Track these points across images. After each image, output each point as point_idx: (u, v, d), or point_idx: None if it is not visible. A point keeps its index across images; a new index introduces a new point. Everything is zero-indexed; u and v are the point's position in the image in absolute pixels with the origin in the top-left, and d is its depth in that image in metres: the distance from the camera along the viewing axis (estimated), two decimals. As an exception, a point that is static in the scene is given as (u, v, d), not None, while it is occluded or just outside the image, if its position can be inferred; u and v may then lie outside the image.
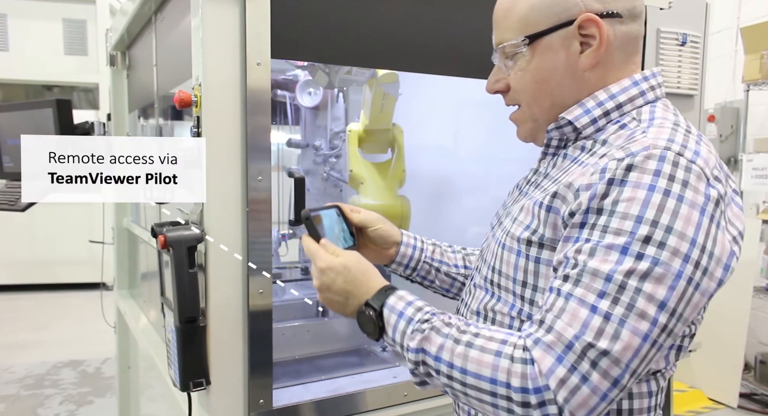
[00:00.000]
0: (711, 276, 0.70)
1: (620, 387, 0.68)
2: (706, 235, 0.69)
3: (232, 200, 1.20)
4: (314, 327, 1.79)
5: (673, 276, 0.67)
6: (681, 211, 0.68)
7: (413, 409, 1.44)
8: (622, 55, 0.86)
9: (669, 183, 0.69)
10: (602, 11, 0.83)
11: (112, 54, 2.49)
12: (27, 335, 5.02)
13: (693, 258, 0.68)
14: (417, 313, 0.81)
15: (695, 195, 0.69)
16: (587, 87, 0.85)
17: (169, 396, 1.45)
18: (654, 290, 0.67)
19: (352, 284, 0.89)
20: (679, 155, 0.71)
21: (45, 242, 6.36)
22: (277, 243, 2.16)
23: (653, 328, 0.67)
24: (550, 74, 0.86)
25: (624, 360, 0.67)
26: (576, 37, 0.83)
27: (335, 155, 2.11)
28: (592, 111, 0.84)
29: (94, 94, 6.59)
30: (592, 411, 0.68)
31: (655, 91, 0.86)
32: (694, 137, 0.77)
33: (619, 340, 0.66)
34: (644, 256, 0.68)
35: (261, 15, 1.18)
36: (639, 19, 0.86)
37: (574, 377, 0.67)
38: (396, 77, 1.83)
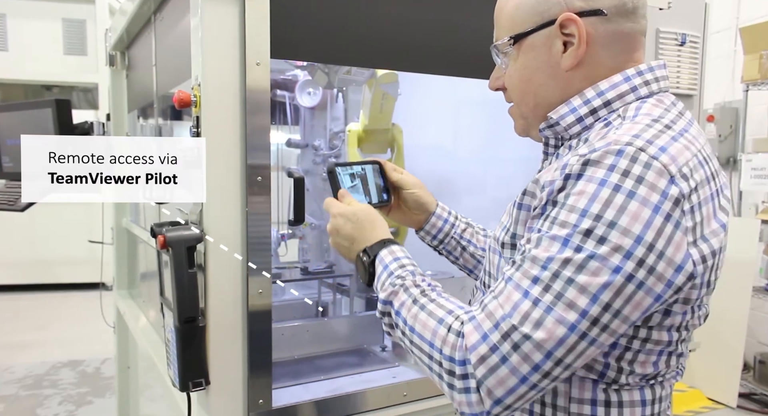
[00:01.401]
0: (659, 276, 0.68)
1: (543, 373, 0.68)
2: (656, 233, 0.67)
3: (231, 200, 1.20)
4: (314, 327, 1.79)
5: (609, 271, 0.67)
6: (629, 207, 0.67)
7: (413, 409, 1.44)
8: (610, 53, 0.82)
9: (622, 178, 0.68)
10: (584, 9, 0.81)
11: (112, 54, 2.49)
12: (26, 335, 5.01)
13: (636, 255, 0.67)
14: (398, 269, 0.86)
15: (650, 192, 0.67)
16: (571, 87, 0.83)
17: (168, 396, 1.45)
18: (587, 282, 0.67)
19: (358, 231, 0.96)
20: (641, 151, 0.69)
21: (45, 242, 6.36)
22: (277, 243, 2.16)
23: (581, 319, 0.67)
24: (533, 74, 0.86)
25: (546, 347, 0.67)
26: (558, 37, 0.82)
27: (335, 155, 2.11)
28: (578, 109, 0.82)
29: (94, 94, 6.59)
30: (511, 391, 0.69)
31: (650, 86, 0.82)
32: (672, 133, 0.73)
33: (542, 326, 0.68)
34: (582, 248, 0.68)
35: (260, 15, 1.18)
36: (633, 15, 0.82)
37: (495, 356, 0.69)
38: (395, 77, 1.83)
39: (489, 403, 0.70)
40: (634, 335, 0.75)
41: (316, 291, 2.04)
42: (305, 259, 2.16)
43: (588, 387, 0.78)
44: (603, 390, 0.78)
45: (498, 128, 2.08)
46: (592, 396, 0.78)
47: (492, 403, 0.70)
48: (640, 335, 0.75)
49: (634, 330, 0.75)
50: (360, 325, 1.84)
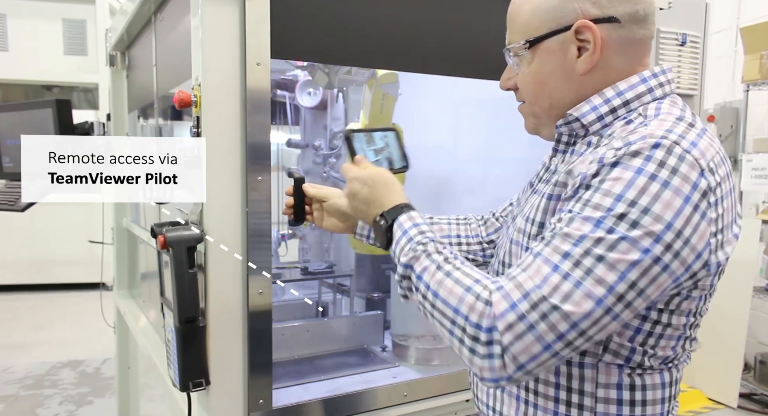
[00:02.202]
0: (682, 261, 0.73)
1: (566, 343, 0.72)
2: (685, 221, 0.72)
3: (231, 200, 1.20)
4: (314, 327, 1.78)
5: (639, 252, 0.71)
6: (663, 196, 0.71)
7: (413, 409, 1.44)
8: (623, 58, 0.86)
9: (658, 168, 0.72)
10: (599, 16, 0.84)
11: (112, 54, 2.49)
12: (26, 335, 5.01)
13: (665, 240, 0.71)
14: (418, 235, 0.88)
15: (682, 182, 0.72)
16: (585, 91, 0.88)
17: (168, 396, 1.45)
18: (617, 260, 0.71)
19: (375, 195, 0.99)
20: (675, 144, 0.74)
21: (45, 242, 6.35)
22: (277, 243, 2.16)
23: (608, 295, 0.71)
24: (548, 77, 0.89)
25: (573, 318, 0.71)
26: (573, 42, 0.86)
27: (335, 155, 2.11)
28: (599, 107, 0.86)
29: (94, 94, 6.59)
30: (534, 358, 0.73)
31: (664, 88, 0.87)
32: (697, 130, 0.78)
33: (571, 299, 0.71)
34: (615, 230, 0.71)
35: (261, 15, 1.18)
36: (644, 22, 0.86)
37: (522, 324, 0.72)
38: (396, 77, 1.83)
39: (512, 368, 0.73)
40: (657, 320, 0.81)
41: (316, 291, 2.04)
42: (305, 259, 2.17)
43: (614, 373, 0.83)
44: (628, 374, 0.83)
45: (498, 127, 2.08)
46: (618, 380, 0.83)
47: (515, 368, 0.73)
48: (662, 320, 0.81)
49: (658, 315, 0.80)
50: (360, 325, 1.84)
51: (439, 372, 1.53)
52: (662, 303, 0.80)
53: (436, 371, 1.56)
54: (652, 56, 1.89)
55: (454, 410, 1.51)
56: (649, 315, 0.81)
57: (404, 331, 1.72)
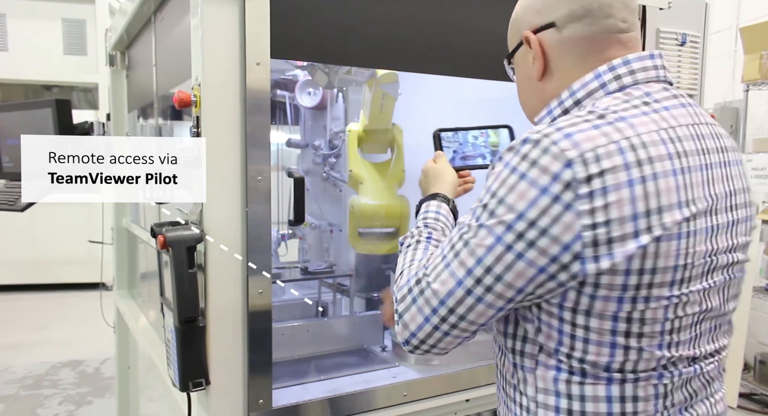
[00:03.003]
0: (541, 250, 0.74)
1: (441, 317, 0.82)
2: (540, 212, 0.74)
3: (231, 200, 1.20)
4: (314, 327, 1.79)
5: (493, 239, 0.77)
6: (518, 187, 0.75)
7: (413, 409, 1.44)
8: (574, 58, 0.87)
9: (519, 161, 0.76)
10: (540, 25, 0.89)
11: (112, 54, 2.49)
12: (26, 335, 5.01)
13: (516, 229, 0.75)
14: (420, 221, 1.06)
15: (540, 174, 0.74)
16: (547, 94, 0.90)
17: (168, 396, 1.45)
18: (476, 245, 0.79)
19: (425, 184, 1.19)
20: (545, 137, 0.75)
21: (45, 242, 6.35)
22: (277, 243, 2.16)
23: (467, 277, 0.79)
24: (521, 87, 0.97)
25: (440, 296, 0.81)
26: (529, 53, 0.91)
27: (335, 155, 2.11)
28: (553, 111, 0.89)
29: (94, 94, 6.59)
30: (419, 328, 0.84)
31: (621, 80, 0.84)
32: (600, 121, 0.76)
33: (439, 278, 0.82)
34: (479, 219, 0.79)
35: (260, 15, 1.18)
36: (588, 18, 0.85)
37: (409, 297, 0.85)
38: (396, 77, 1.83)
39: (406, 334, 0.86)
40: (573, 321, 0.79)
41: (316, 291, 2.04)
42: (305, 259, 2.16)
43: (550, 378, 0.83)
44: (565, 381, 0.81)
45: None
46: (554, 387, 0.82)
47: (408, 335, 0.85)
48: (578, 321, 0.78)
49: (571, 316, 0.78)
50: (360, 325, 1.84)
51: (439, 372, 1.54)
52: (570, 302, 0.77)
53: (436, 371, 1.56)
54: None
55: (453, 410, 1.51)
56: (563, 314, 0.78)
57: (404, 331, 1.72)
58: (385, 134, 1.97)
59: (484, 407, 1.56)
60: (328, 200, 2.22)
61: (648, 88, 0.84)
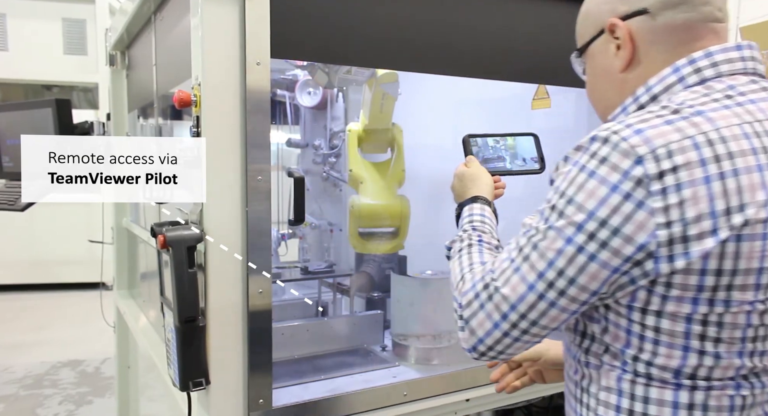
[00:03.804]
0: (614, 251, 0.71)
1: (511, 323, 0.79)
2: (611, 210, 0.71)
3: (231, 200, 1.20)
4: (314, 326, 1.79)
5: (563, 241, 0.74)
6: (587, 185, 0.73)
7: (413, 409, 1.44)
8: (663, 47, 0.82)
9: (588, 159, 0.74)
10: (627, 12, 0.84)
11: (112, 54, 2.49)
12: (26, 335, 5.01)
13: (587, 229, 0.72)
14: (466, 224, 1.04)
15: (610, 171, 0.71)
16: (629, 88, 0.85)
17: (168, 395, 1.45)
18: (546, 248, 0.76)
19: (461, 188, 1.17)
20: (614, 133, 0.73)
21: (45, 242, 6.35)
22: (277, 243, 2.16)
23: (539, 281, 0.76)
24: (596, 81, 0.92)
25: (511, 301, 0.78)
26: (611, 42, 0.86)
27: (335, 155, 2.11)
28: (627, 108, 0.84)
29: (94, 93, 6.59)
30: (488, 334, 0.81)
31: (702, 73, 0.80)
32: (674, 116, 0.73)
33: (509, 283, 0.79)
34: (548, 221, 0.77)
35: (260, 15, 1.18)
36: (683, 5, 0.81)
37: (476, 302, 0.82)
38: (396, 77, 1.83)
39: (473, 341, 0.83)
40: (642, 322, 0.75)
41: (316, 291, 2.04)
42: (305, 259, 2.16)
43: (614, 377, 0.80)
44: (630, 381, 0.78)
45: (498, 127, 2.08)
46: (618, 386, 0.80)
47: (476, 341, 0.82)
48: (647, 322, 0.75)
49: (641, 317, 0.75)
50: (360, 325, 1.84)
51: (439, 372, 1.53)
52: (640, 302, 0.74)
53: (435, 370, 1.56)
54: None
55: (454, 410, 1.51)
56: (632, 315, 0.76)
57: (404, 331, 1.72)
58: (385, 133, 1.97)
59: (484, 407, 1.56)
60: (328, 199, 2.22)
61: (733, 80, 0.79)
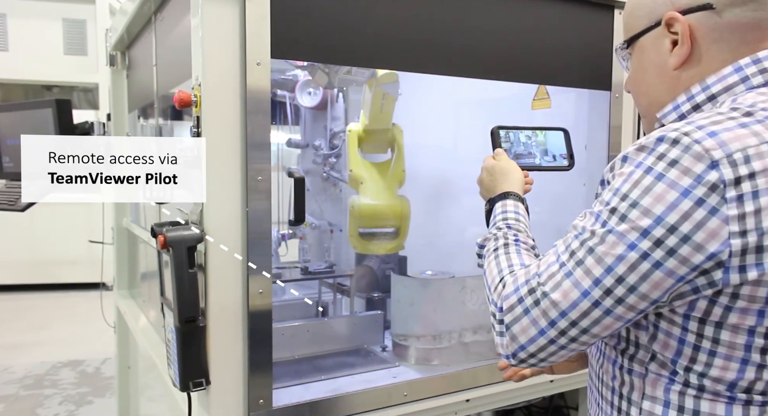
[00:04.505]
0: (682, 259, 0.67)
1: (559, 331, 0.74)
2: (681, 216, 0.66)
3: (232, 200, 1.20)
4: (314, 327, 1.79)
5: (625, 246, 0.69)
6: (654, 189, 0.68)
7: (413, 409, 1.44)
8: (725, 46, 0.78)
9: (656, 161, 0.69)
10: (690, 6, 0.79)
11: (112, 54, 2.49)
12: (26, 335, 5.01)
13: (654, 235, 0.68)
14: (500, 221, 1.00)
15: (681, 175, 0.67)
16: (680, 85, 0.82)
17: (168, 396, 1.45)
18: (604, 253, 0.71)
19: (491, 182, 1.12)
20: (684, 135, 0.68)
21: (45, 242, 6.35)
22: (277, 243, 2.16)
23: (594, 287, 0.71)
24: (644, 74, 0.87)
25: (561, 307, 0.73)
26: (666, 37, 0.82)
27: (335, 155, 2.11)
28: (681, 106, 0.81)
29: (94, 94, 6.59)
30: (532, 340, 0.76)
31: (767, 74, 0.76)
32: (748, 119, 0.69)
33: (560, 288, 0.74)
34: (606, 223, 0.71)
35: (261, 15, 1.18)
36: (753, 2, 0.76)
37: (519, 307, 0.77)
38: (396, 77, 1.83)
39: (514, 347, 0.78)
40: (700, 333, 0.72)
41: (316, 291, 2.04)
42: (305, 259, 2.16)
43: (661, 387, 0.77)
44: (679, 392, 0.75)
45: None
46: (665, 396, 0.76)
47: (517, 347, 0.78)
48: (706, 333, 0.72)
49: (699, 327, 0.72)
50: (360, 325, 1.84)
51: (439, 372, 1.53)
52: (699, 312, 0.71)
53: (436, 371, 1.56)
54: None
55: (454, 410, 1.51)
56: (688, 325, 0.73)
57: (404, 331, 1.72)
58: (386, 134, 1.97)
59: (484, 407, 1.56)
60: (328, 200, 2.22)
61: None
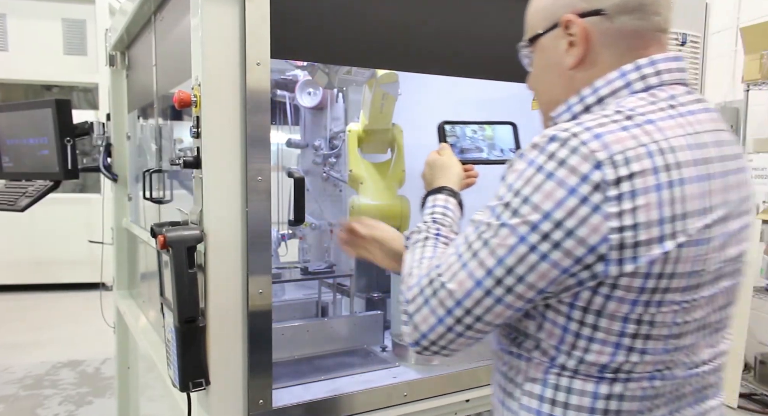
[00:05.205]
0: (566, 252, 0.73)
1: (456, 319, 0.80)
2: (567, 212, 0.72)
3: (231, 200, 1.20)
4: (314, 327, 1.78)
5: (516, 239, 0.75)
6: (544, 186, 0.73)
7: (413, 409, 1.44)
8: (614, 51, 0.83)
9: (546, 160, 0.74)
10: (586, 10, 0.83)
11: (112, 54, 2.49)
12: (26, 335, 5.01)
13: (542, 229, 0.73)
14: (427, 216, 1.03)
15: (569, 174, 0.72)
16: (575, 85, 0.86)
17: (168, 396, 1.45)
18: (497, 245, 0.76)
19: (431, 176, 1.15)
20: (573, 136, 0.73)
21: (45, 242, 6.35)
22: (277, 243, 2.16)
23: (487, 277, 0.77)
24: (543, 74, 0.92)
25: (457, 296, 0.79)
26: (564, 38, 0.86)
27: (335, 155, 2.11)
28: (572, 107, 0.85)
29: (94, 94, 6.59)
30: (432, 329, 0.82)
31: (647, 80, 0.82)
32: (629, 123, 0.75)
33: (456, 278, 0.79)
34: (500, 217, 0.77)
35: (261, 15, 1.17)
36: (639, 11, 0.82)
37: (420, 297, 0.83)
38: (396, 77, 1.83)
39: (416, 335, 0.83)
40: (581, 320, 0.78)
41: (316, 291, 2.04)
42: (305, 259, 2.16)
43: (541, 370, 0.83)
44: (556, 374, 0.82)
45: (498, 127, 2.08)
46: (543, 377, 0.83)
47: (419, 336, 0.83)
48: (587, 321, 0.78)
49: (581, 315, 0.78)
50: (360, 325, 1.84)
51: (439, 372, 1.53)
52: (583, 302, 0.76)
53: (436, 371, 1.56)
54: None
55: (454, 410, 1.51)
56: (572, 313, 0.78)
57: (404, 331, 1.72)
58: (385, 134, 1.97)
59: (484, 407, 1.56)
60: (328, 200, 2.22)
61: (673, 90, 0.82)
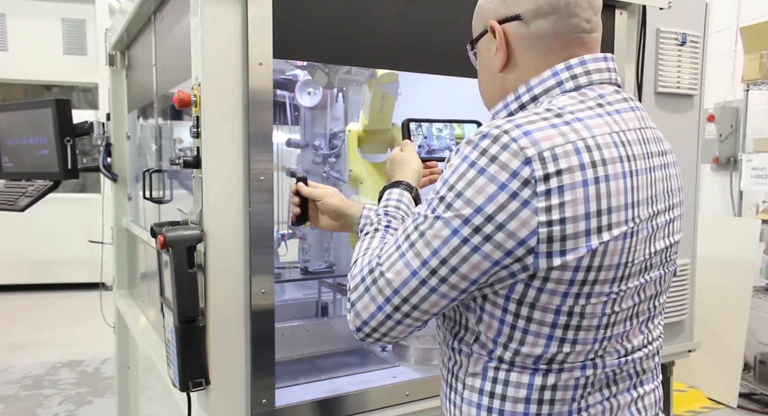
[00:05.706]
0: (497, 245, 0.76)
1: (394, 306, 0.83)
2: (498, 207, 0.75)
3: (232, 200, 1.20)
4: (314, 327, 1.78)
5: (449, 231, 0.78)
6: (477, 182, 0.76)
7: (414, 409, 1.44)
8: (535, 53, 0.87)
9: (479, 156, 0.77)
10: (504, 16, 0.89)
11: (112, 54, 2.49)
12: (26, 335, 5.01)
13: (474, 223, 0.76)
14: (381, 208, 1.06)
15: (499, 170, 0.75)
16: (506, 86, 0.91)
17: (168, 396, 1.45)
18: (432, 236, 0.79)
19: (391, 172, 1.19)
20: (504, 133, 0.77)
21: (45, 242, 6.36)
22: (277, 243, 2.16)
23: (422, 267, 0.80)
24: (481, 74, 0.98)
25: (394, 285, 0.82)
26: (492, 42, 0.91)
27: (335, 155, 2.11)
28: (510, 105, 0.90)
29: (94, 94, 6.59)
30: (372, 316, 0.85)
31: (577, 80, 0.86)
32: (558, 120, 0.78)
33: (393, 268, 0.82)
34: (435, 210, 0.80)
35: (263, 15, 1.18)
36: (553, 15, 0.85)
37: (362, 285, 0.86)
38: (396, 77, 1.83)
39: (358, 323, 0.87)
40: (517, 312, 0.81)
41: (316, 291, 2.04)
42: (305, 259, 2.16)
43: (481, 364, 0.87)
44: (494, 367, 0.85)
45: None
46: (483, 371, 0.86)
47: (361, 323, 0.87)
48: (522, 313, 0.81)
49: (516, 307, 0.81)
50: (360, 325, 1.84)
51: (439, 372, 1.53)
52: (517, 294, 0.79)
53: (436, 371, 1.56)
54: (651, 56, 1.89)
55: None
56: (508, 306, 0.81)
57: (404, 331, 1.72)
58: (385, 133, 1.97)
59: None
60: (328, 200, 2.22)
61: (601, 89, 0.86)
